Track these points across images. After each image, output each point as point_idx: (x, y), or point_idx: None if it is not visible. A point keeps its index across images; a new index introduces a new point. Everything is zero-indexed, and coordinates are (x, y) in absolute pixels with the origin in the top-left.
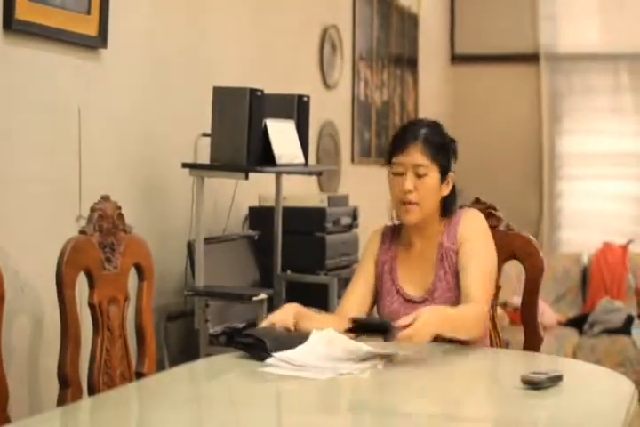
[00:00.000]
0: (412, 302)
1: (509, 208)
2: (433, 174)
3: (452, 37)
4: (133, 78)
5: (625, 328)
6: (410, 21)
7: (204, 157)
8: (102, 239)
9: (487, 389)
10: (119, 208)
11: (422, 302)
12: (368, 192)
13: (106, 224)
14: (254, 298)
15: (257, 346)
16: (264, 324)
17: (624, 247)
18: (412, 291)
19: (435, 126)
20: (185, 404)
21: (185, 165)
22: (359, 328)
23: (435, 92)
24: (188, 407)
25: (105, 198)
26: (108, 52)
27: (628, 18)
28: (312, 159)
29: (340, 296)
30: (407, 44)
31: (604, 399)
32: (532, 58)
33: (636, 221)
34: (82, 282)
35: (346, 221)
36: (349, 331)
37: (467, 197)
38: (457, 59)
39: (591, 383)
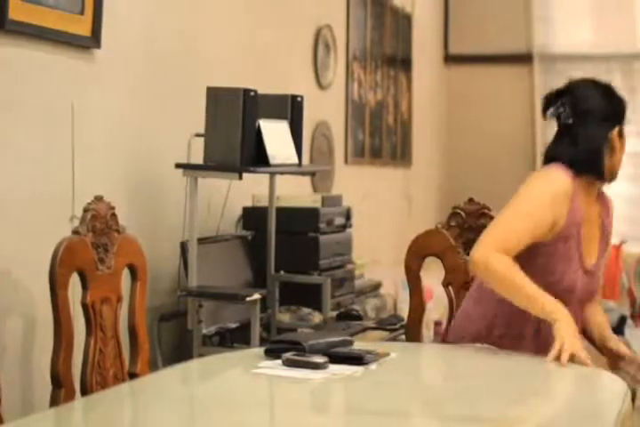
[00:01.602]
0: (588, 274)
1: (502, 208)
2: None
3: (446, 37)
4: (127, 78)
5: (618, 328)
6: (403, 21)
7: (198, 158)
8: (95, 240)
9: (480, 389)
10: (112, 208)
11: (592, 274)
12: (362, 192)
13: (99, 224)
14: (248, 298)
15: (293, 349)
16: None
17: (617, 248)
18: (587, 261)
19: None
20: (178, 404)
21: (178, 166)
22: (335, 359)
23: (428, 93)
24: (181, 408)
25: (98, 199)
26: (102, 52)
27: (622, 18)
28: (306, 159)
29: (333, 296)
30: (401, 45)
31: (595, 399)
32: (525, 58)
33: (629, 222)
34: (75, 282)
35: (339, 221)
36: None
37: (460, 197)
38: (450, 59)
39: (583, 383)
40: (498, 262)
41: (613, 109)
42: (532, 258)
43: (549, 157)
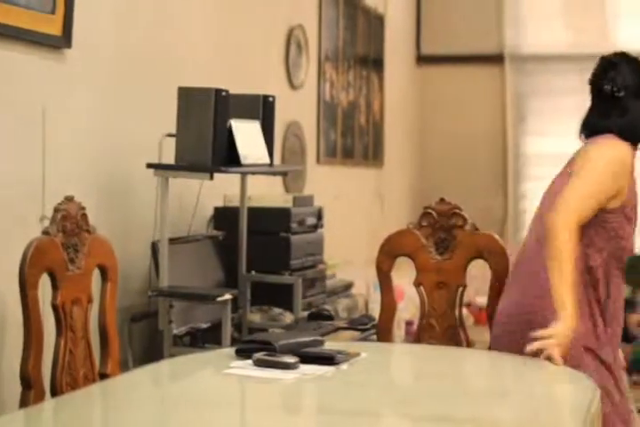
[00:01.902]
0: None
1: (475, 208)
2: None
3: (418, 38)
4: (98, 78)
5: None
6: (376, 22)
7: (169, 158)
8: (66, 240)
9: (450, 388)
10: (83, 209)
11: None
12: (334, 192)
13: (69, 225)
14: (219, 298)
15: (264, 349)
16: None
17: None
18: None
19: None
20: (149, 405)
21: (149, 166)
22: (306, 359)
23: (400, 93)
24: (152, 408)
25: (69, 199)
26: (73, 52)
27: (593, 19)
28: (277, 159)
29: (305, 297)
30: (373, 45)
31: (565, 397)
32: (497, 59)
33: None
34: (45, 283)
35: (311, 221)
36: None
37: (432, 197)
38: (423, 59)
39: (553, 382)
40: (565, 242)
41: None
42: (604, 223)
43: (598, 129)
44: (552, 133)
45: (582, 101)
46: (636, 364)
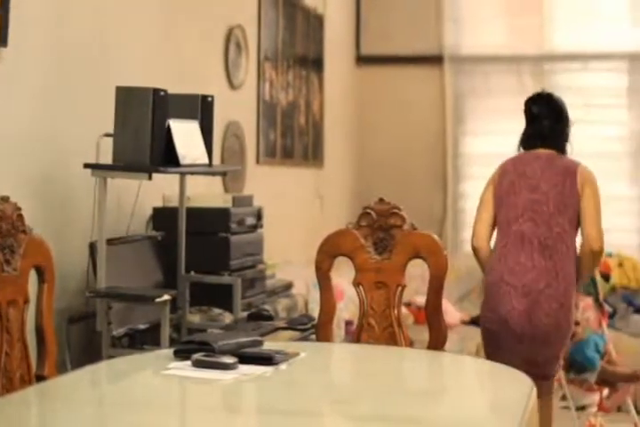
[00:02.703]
0: None
1: (414, 208)
2: None
3: (358, 38)
4: (34, 78)
5: None
6: (315, 22)
7: (107, 158)
8: (1, 241)
9: (389, 387)
10: (19, 209)
11: None
12: (273, 192)
13: (5, 225)
14: (157, 299)
15: (203, 350)
16: None
17: None
18: None
19: None
20: (87, 407)
21: (87, 166)
22: (245, 360)
23: (340, 93)
24: (91, 410)
25: (4, 199)
26: (8, 51)
27: (531, 20)
28: (217, 160)
29: (244, 297)
30: (313, 45)
31: (502, 396)
32: (436, 59)
33: None
34: None
35: (250, 221)
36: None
37: (372, 197)
38: (362, 60)
39: (491, 381)
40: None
41: None
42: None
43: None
44: (491, 133)
45: (520, 102)
46: (574, 363)
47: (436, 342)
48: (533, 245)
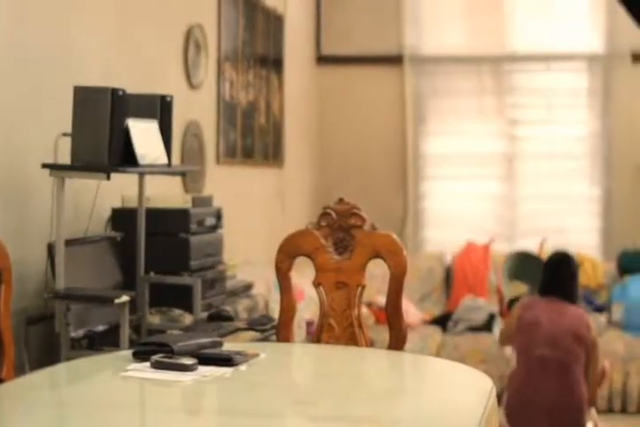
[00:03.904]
0: None
1: (374, 208)
2: None
3: (318, 38)
4: None
5: (487, 326)
6: (275, 22)
7: (65, 158)
8: None
9: (349, 388)
10: None
11: None
12: (233, 193)
13: None
14: (116, 300)
15: (162, 351)
16: None
17: (486, 246)
18: None
19: None
20: (46, 409)
21: (45, 166)
22: (204, 361)
23: (300, 93)
24: (49, 413)
25: None
26: None
27: (491, 21)
28: (176, 160)
29: (204, 297)
30: (273, 45)
31: (463, 395)
32: (396, 59)
33: (498, 221)
34: None
35: (210, 221)
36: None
37: (332, 197)
38: (322, 60)
39: (451, 380)
40: None
41: None
42: None
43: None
44: (451, 134)
45: (480, 103)
46: None
47: (397, 342)
48: None
